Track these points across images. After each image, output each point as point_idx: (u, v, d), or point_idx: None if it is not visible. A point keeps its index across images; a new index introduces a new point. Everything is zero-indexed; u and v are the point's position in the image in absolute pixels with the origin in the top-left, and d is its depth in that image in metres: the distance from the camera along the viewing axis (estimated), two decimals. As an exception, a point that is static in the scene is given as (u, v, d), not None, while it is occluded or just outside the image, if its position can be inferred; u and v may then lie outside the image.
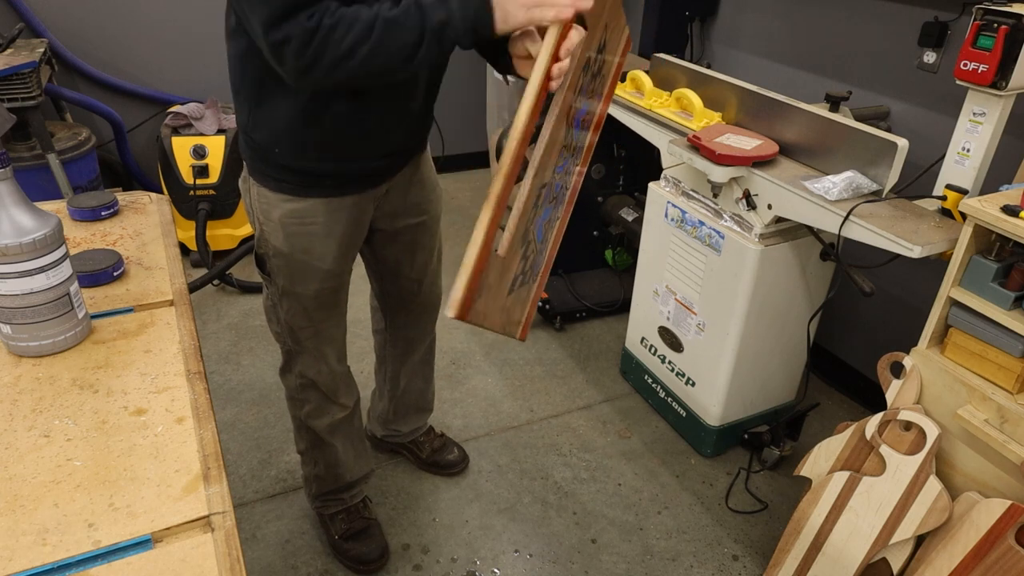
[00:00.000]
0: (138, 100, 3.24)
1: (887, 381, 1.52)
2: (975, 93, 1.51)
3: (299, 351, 1.58)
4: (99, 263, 1.19)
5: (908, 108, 2.17)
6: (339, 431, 1.71)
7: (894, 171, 1.64)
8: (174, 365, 1.01)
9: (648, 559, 1.89)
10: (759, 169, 1.80)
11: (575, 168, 1.20)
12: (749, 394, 2.15)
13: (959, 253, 1.36)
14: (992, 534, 1.31)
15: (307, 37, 1.06)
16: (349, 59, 1.08)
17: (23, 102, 2.48)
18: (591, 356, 2.68)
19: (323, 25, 1.06)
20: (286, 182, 1.37)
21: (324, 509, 1.86)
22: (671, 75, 2.25)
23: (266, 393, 2.39)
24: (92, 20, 3.03)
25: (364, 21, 1.07)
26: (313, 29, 1.06)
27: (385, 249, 1.63)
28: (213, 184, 2.97)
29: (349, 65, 1.08)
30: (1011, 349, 1.31)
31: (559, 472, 2.14)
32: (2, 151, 0.94)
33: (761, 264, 1.86)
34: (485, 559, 1.87)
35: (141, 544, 0.75)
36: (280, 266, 1.45)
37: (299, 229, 1.40)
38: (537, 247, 1.16)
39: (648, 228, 2.23)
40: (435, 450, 2.10)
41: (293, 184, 1.37)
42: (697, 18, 2.86)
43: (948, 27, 1.99)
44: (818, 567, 1.63)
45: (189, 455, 0.86)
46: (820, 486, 1.59)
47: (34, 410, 0.91)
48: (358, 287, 1.81)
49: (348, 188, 1.41)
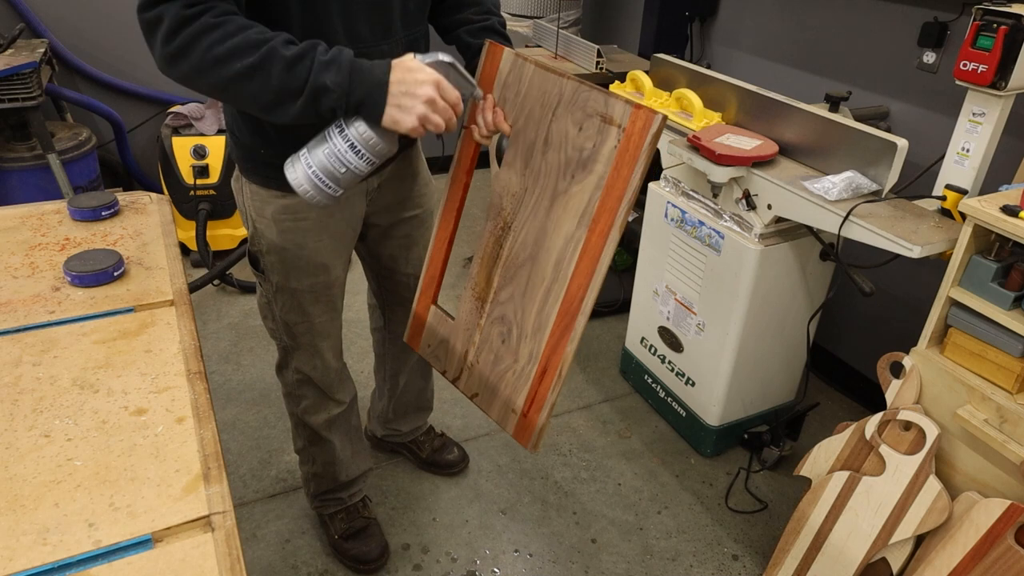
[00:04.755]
0: (138, 100, 3.24)
1: (887, 381, 1.52)
2: (975, 93, 1.51)
3: (294, 347, 1.58)
4: (99, 263, 1.19)
5: (908, 108, 2.17)
6: (336, 427, 1.71)
7: (894, 171, 1.64)
8: (174, 365, 1.01)
9: (648, 559, 1.89)
10: (759, 169, 1.80)
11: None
12: (749, 394, 2.15)
13: (959, 253, 1.36)
14: (992, 534, 1.31)
15: (177, 25, 1.00)
16: (217, 69, 1.02)
17: (23, 102, 2.49)
18: (591, 356, 2.68)
19: (201, 20, 1.00)
20: (277, 179, 1.37)
21: (324, 509, 1.86)
22: (671, 75, 2.25)
23: (266, 393, 2.39)
24: (92, 20, 3.03)
25: (251, 38, 1.02)
26: (188, 18, 1.00)
27: (381, 245, 1.64)
28: (213, 184, 2.97)
29: (218, 73, 1.02)
30: (1011, 349, 1.31)
31: (559, 472, 2.15)
32: None
33: (761, 264, 1.86)
34: (485, 559, 1.87)
35: (141, 544, 0.75)
36: (274, 262, 1.46)
37: (292, 225, 1.41)
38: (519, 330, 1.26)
39: (648, 228, 2.23)
40: (435, 450, 2.10)
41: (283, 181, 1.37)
42: (697, 18, 2.86)
43: (948, 27, 1.99)
44: (818, 567, 1.63)
45: (189, 455, 0.86)
46: (820, 486, 1.59)
47: (34, 410, 0.92)
48: (358, 287, 1.81)
49: None
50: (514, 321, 1.26)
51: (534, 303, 1.22)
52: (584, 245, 1.13)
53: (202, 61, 1.02)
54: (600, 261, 1.12)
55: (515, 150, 1.23)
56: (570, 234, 1.16)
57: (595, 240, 1.12)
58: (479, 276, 1.33)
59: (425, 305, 1.47)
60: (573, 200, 1.15)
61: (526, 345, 1.25)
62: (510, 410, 1.30)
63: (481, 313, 1.33)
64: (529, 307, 1.23)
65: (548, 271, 1.19)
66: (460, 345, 1.39)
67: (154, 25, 1.02)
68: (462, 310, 1.37)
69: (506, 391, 1.30)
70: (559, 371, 1.19)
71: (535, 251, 1.22)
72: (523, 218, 1.23)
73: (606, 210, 1.10)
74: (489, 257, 1.30)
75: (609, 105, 1.09)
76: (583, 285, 1.14)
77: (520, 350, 1.26)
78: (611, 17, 3.53)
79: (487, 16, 1.36)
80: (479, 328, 1.34)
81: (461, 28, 1.36)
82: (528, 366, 1.25)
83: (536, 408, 1.24)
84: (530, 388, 1.25)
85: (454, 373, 1.43)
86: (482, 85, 1.26)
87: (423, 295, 1.48)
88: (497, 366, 1.31)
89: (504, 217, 1.26)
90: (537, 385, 1.24)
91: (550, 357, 1.21)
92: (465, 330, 1.37)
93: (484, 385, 1.35)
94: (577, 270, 1.15)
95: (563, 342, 1.18)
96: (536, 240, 1.21)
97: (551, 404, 1.22)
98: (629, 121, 1.07)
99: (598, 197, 1.11)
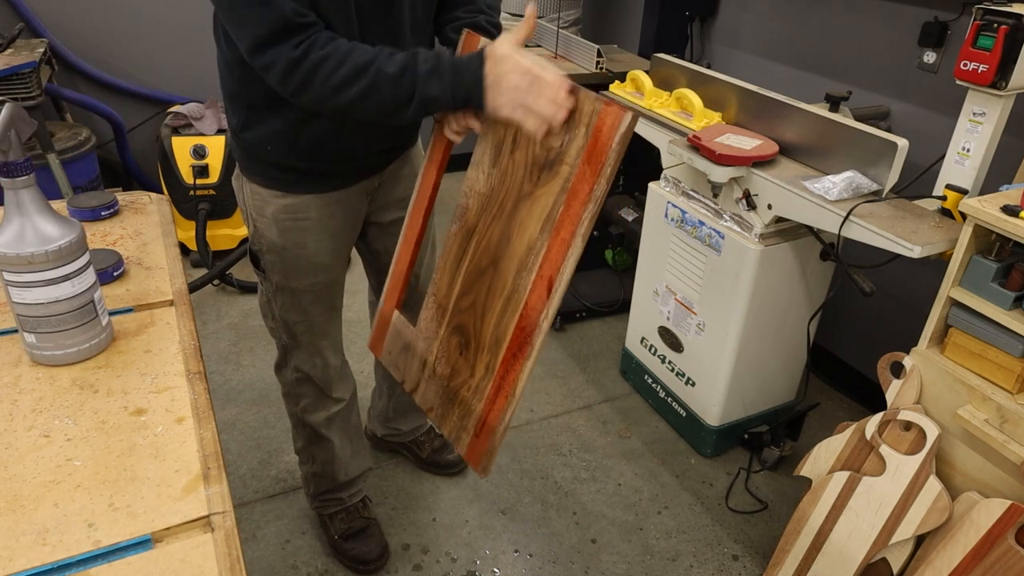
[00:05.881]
0: (138, 100, 3.24)
1: (887, 381, 1.52)
2: (975, 93, 1.51)
3: (294, 346, 1.58)
4: (99, 263, 1.18)
5: (908, 108, 2.17)
6: (335, 425, 1.71)
7: (894, 171, 1.64)
8: (174, 365, 1.01)
9: (648, 559, 1.89)
10: (759, 169, 1.80)
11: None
12: (749, 394, 2.15)
13: (959, 253, 1.36)
14: (992, 534, 1.31)
15: (291, 67, 1.07)
16: (336, 96, 1.09)
17: (23, 102, 2.48)
18: (591, 356, 2.68)
19: (310, 57, 1.06)
20: (278, 179, 1.38)
21: (323, 509, 1.86)
22: (671, 75, 2.25)
23: (266, 393, 2.39)
24: (92, 20, 3.03)
25: (357, 63, 1.07)
26: (298, 59, 1.06)
27: (380, 242, 1.64)
28: (213, 184, 2.97)
29: (336, 102, 1.10)
30: (1011, 349, 1.31)
31: (559, 472, 2.14)
32: (26, 158, 0.92)
33: (761, 264, 1.86)
34: (485, 559, 1.87)
35: (141, 544, 0.75)
36: (274, 262, 1.46)
37: (292, 224, 1.41)
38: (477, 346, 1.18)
39: (648, 228, 2.23)
40: (435, 450, 2.10)
41: (285, 181, 1.38)
42: (697, 18, 2.86)
43: (948, 27, 1.99)
44: (818, 567, 1.63)
45: (189, 455, 0.86)
46: (820, 486, 1.59)
47: (34, 410, 0.91)
48: (358, 287, 1.81)
49: (340, 183, 1.43)
50: (472, 331, 1.18)
51: (493, 313, 1.14)
52: (545, 254, 1.05)
53: (320, 94, 1.09)
54: (560, 273, 1.03)
55: (483, 148, 1.18)
56: (533, 241, 1.07)
57: (556, 249, 1.03)
58: (441, 281, 1.25)
59: (390, 308, 1.40)
60: (538, 204, 1.06)
61: (483, 358, 1.16)
62: (462, 428, 1.22)
63: (441, 321, 1.25)
64: (488, 317, 1.15)
65: (509, 279, 1.11)
66: (420, 354, 1.31)
67: (268, 70, 1.09)
68: (423, 317, 1.30)
69: (460, 407, 1.22)
70: (513, 392, 1.10)
71: (497, 256, 1.13)
72: (487, 221, 1.15)
73: (569, 216, 1.02)
74: (453, 261, 1.23)
75: (579, 100, 1.01)
76: (541, 299, 1.05)
77: (477, 364, 1.17)
78: (611, 17, 3.53)
79: (476, 14, 1.37)
80: (438, 338, 1.26)
81: (449, 25, 1.37)
82: (484, 381, 1.16)
83: (488, 431, 1.16)
84: (483, 406, 1.16)
85: (412, 384, 1.34)
86: None
87: (388, 298, 1.40)
88: (453, 379, 1.23)
89: (468, 219, 1.20)
90: (489, 407, 1.15)
91: (505, 374, 1.12)
92: (425, 339, 1.29)
93: (439, 399, 1.27)
94: (536, 283, 1.06)
95: (517, 362, 1.09)
96: (499, 245, 1.13)
97: (504, 426, 1.13)
98: (598, 119, 0.98)
99: (563, 201, 1.03)
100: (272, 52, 1.07)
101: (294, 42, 1.06)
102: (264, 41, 1.06)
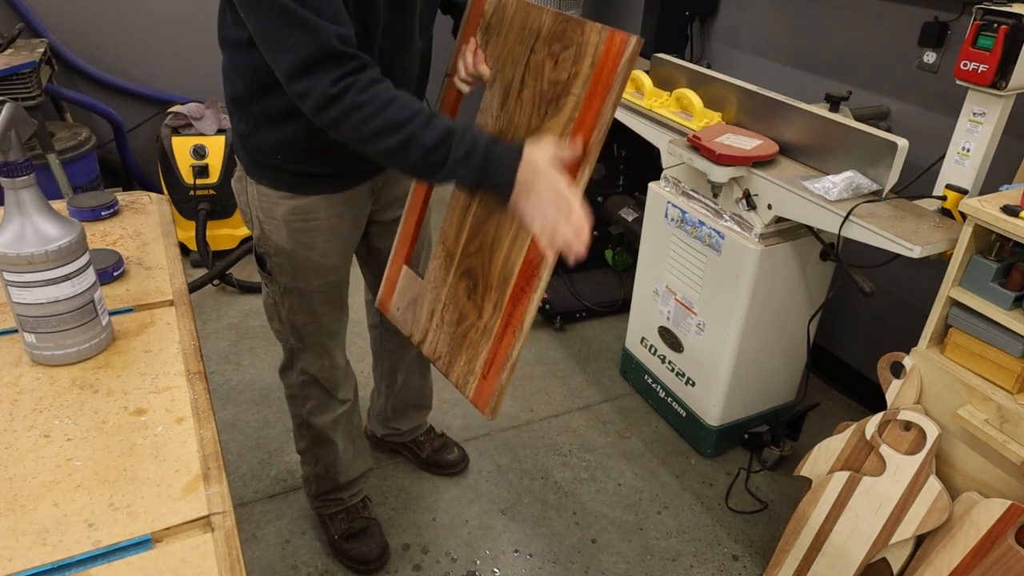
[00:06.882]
0: (138, 100, 3.24)
1: (887, 381, 1.52)
2: (975, 93, 1.51)
3: (302, 348, 1.58)
4: (99, 263, 1.18)
5: (908, 108, 2.17)
6: (340, 427, 1.71)
7: (894, 171, 1.64)
8: (174, 365, 1.01)
9: (648, 559, 1.89)
10: (759, 169, 1.80)
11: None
12: (749, 394, 2.15)
13: (959, 253, 1.36)
14: (992, 534, 1.31)
15: (326, 102, 1.05)
16: (364, 144, 1.08)
17: (23, 102, 2.48)
18: (591, 356, 2.68)
19: (347, 99, 1.04)
20: (287, 181, 1.38)
21: (324, 509, 1.86)
22: (671, 75, 2.25)
23: (266, 393, 2.39)
24: (92, 20, 3.03)
25: (394, 120, 1.05)
26: (335, 96, 1.04)
27: (379, 240, 1.64)
28: (213, 184, 2.97)
29: (364, 148, 1.09)
30: (1011, 349, 1.31)
31: (559, 472, 2.14)
32: (26, 158, 0.92)
33: (761, 264, 1.86)
34: (485, 559, 1.87)
35: (141, 544, 0.75)
36: (283, 264, 1.45)
37: (302, 225, 1.41)
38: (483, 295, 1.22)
39: (648, 228, 2.23)
40: (435, 450, 2.10)
41: (294, 183, 1.38)
42: (697, 18, 2.85)
43: (948, 27, 1.99)
44: (818, 567, 1.63)
45: (189, 455, 0.86)
46: (820, 486, 1.59)
47: (34, 410, 0.91)
48: (357, 286, 1.81)
49: (347, 183, 1.43)
50: (480, 273, 1.22)
51: (501, 253, 1.17)
52: None
53: (350, 136, 1.09)
54: None
55: (492, 94, 1.21)
56: None
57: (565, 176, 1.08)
58: (449, 229, 1.28)
59: (398, 266, 1.43)
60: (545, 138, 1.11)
61: (491, 297, 1.19)
62: (470, 372, 1.25)
63: (449, 269, 1.28)
64: (496, 257, 1.18)
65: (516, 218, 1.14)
66: (427, 305, 1.35)
67: (303, 97, 1.07)
68: (432, 267, 1.33)
69: (468, 351, 1.25)
70: (521, 325, 1.14)
71: None
72: None
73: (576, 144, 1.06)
74: (460, 209, 1.26)
75: (585, 32, 1.06)
76: None
77: (484, 304, 1.21)
78: (611, 17, 3.52)
79: None
80: (446, 285, 1.29)
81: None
82: (491, 320, 1.19)
83: (496, 369, 1.19)
84: (491, 345, 1.19)
85: (420, 335, 1.38)
86: (466, 30, 1.26)
87: (396, 255, 1.44)
88: (460, 324, 1.26)
89: None
90: (499, 343, 1.18)
91: (513, 310, 1.15)
92: (433, 288, 1.33)
93: (447, 345, 1.30)
94: None
95: (525, 295, 1.13)
96: None
97: (512, 363, 1.17)
98: (604, 45, 1.03)
99: (570, 131, 1.06)
100: (309, 81, 1.04)
101: (334, 76, 1.04)
102: (303, 69, 1.04)
